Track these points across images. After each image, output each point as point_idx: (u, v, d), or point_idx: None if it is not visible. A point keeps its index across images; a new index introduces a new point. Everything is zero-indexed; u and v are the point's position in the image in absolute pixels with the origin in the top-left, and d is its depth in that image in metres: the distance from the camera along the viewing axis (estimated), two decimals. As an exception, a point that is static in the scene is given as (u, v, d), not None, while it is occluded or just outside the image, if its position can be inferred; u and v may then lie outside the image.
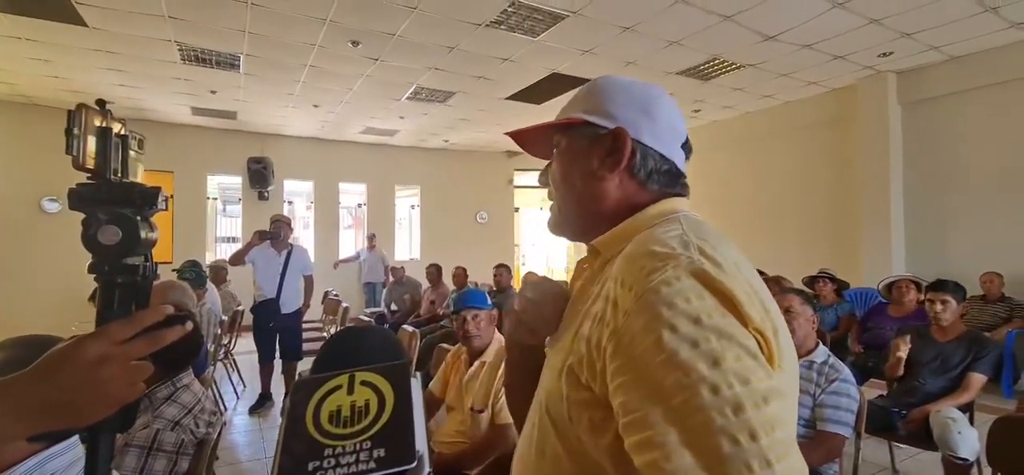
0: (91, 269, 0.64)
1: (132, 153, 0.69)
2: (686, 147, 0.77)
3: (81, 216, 0.63)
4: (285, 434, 0.66)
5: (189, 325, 0.67)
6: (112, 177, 0.65)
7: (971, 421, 2.63)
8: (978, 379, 2.68)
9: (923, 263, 5.58)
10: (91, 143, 0.63)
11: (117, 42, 4.93)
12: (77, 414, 0.58)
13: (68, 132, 0.61)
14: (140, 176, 0.73)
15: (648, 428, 0.51)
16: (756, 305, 0.56)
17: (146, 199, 0.66)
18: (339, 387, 0.69)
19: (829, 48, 5.13)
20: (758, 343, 0.54)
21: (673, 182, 0.74)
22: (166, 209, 0.71)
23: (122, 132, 0.68)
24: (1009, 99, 5.15)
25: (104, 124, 0.65)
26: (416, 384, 0.71)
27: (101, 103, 0.65)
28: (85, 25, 4.52)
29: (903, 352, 2.85)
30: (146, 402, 1.64)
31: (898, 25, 4.63)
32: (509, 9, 4.26)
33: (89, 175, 0.64)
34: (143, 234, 0.64)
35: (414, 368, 3.48)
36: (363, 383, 0.70)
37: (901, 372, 2.86)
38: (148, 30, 4.64)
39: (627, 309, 0.56)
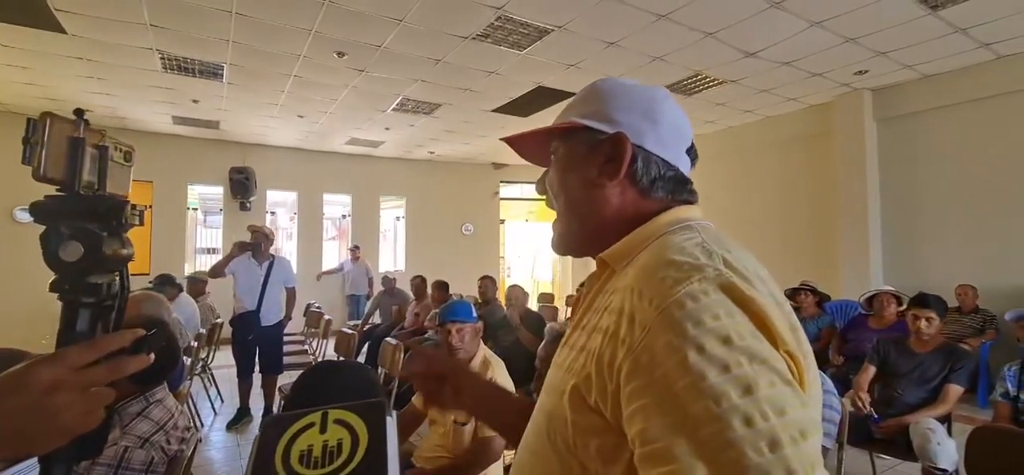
0: (52, 287, 0.60)
1: (119, 164, 0.67)
2: (692, 153, 0.73)
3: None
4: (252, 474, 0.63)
5: (152, 357, 0.63)
6: (83, 190, 0.62)
7: (949, 431, 2.67)
8: (956, 390, 2.73)
9: (900, 275, 5.69)
10: (59, 153, 0.60)
11: (97, 50, 4.85)
12: (27, 443, 0.54)
13: (25, 141, 0.58)
14: (129, 189, 0.71)
15: (671, 461, 0.46)
16: (785, 324, 0.51)
17: (113, 212, 0.62)
18: (311, 425, 0.66)
19: (807, 65, 5.25)
20: (789, 367, 0.49)
21: (680, 189, 0.69)
22: (141, 224, 0.68)
23: (101, 143, 0.64)
24: (980, 116, 5.32)
25: (78, 134, 0.62)
26: (391, 423, 0.68)
27: (79, 112, 0.62)
28: (64, 32, 4.44)
29: (863, 399, 2.90)
30: (116, 418, 1.59)
31: (873, 44, 4.76)
32: (495, 22, 4.29)
33: (57, 187, 0.61)
34: (108, 250, 0.61)
35: (397, 382, 3.40)
36: (336, 421, 0.67)
37: (866, 410, 2.89)
38: (129, 38, 4.57)
39: (647, 324, 0.51)
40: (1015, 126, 5.09)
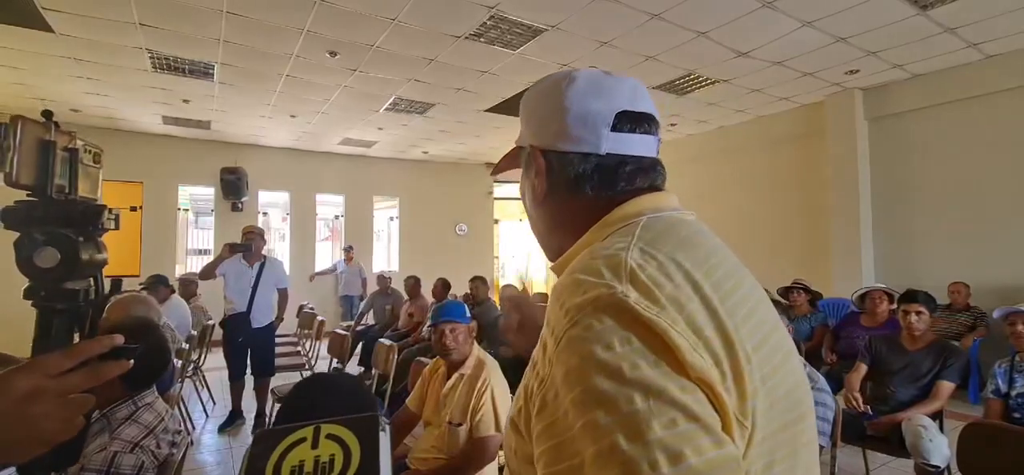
0: (27, 294, 0.58)
1: (89, 167, 0.65)
2: (639, 122, 0.62)
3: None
4: None
5: (131, 362, 0.61)
6: (55, 194, 0.59)
7: (941, 428, 2.69)
8: (947, 387, 2.75)
9: (892, 273, 5.73)
10: (30, 157, 0.58)
11: (86, 49, 4.79)
12: (4, 452, 0.53)
13: None
14: (100, 191, 0.69)
15: None
16: (706, 341, 0.46)
17: (88, 218, 0.60)
18: (303, 440, 0.66)
19: (799, 65, 5.27)
20: (707, 396, 0.44)
21: (615, 178, 0.61)
22: (116, 228, 0.66)
23: (71, 145, 0.63)
24: (969, 115, 5.37)
25: (48, 137, 0.60)
26: (385, 438, 0.68)
27: (47, 114, 0.60)
28: (52, 31, 4.38)
29: (857, 399, 2.91)
30: (103, 423, 1.56)
31: (864, 44, 4.79)
32: (488, 22, 4.28)
33: (28, 192, 0.59)
34: (85, 256, 0.59)
35: (390, 386, 3.39)
36: (329, 436, 0.66)
37: (860, 408, 2.90)
38: (118, 37, 4.52)
39: (551, 357, 0.48)
40: (1003, 125, 5.14)
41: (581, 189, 0.62)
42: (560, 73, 0.66)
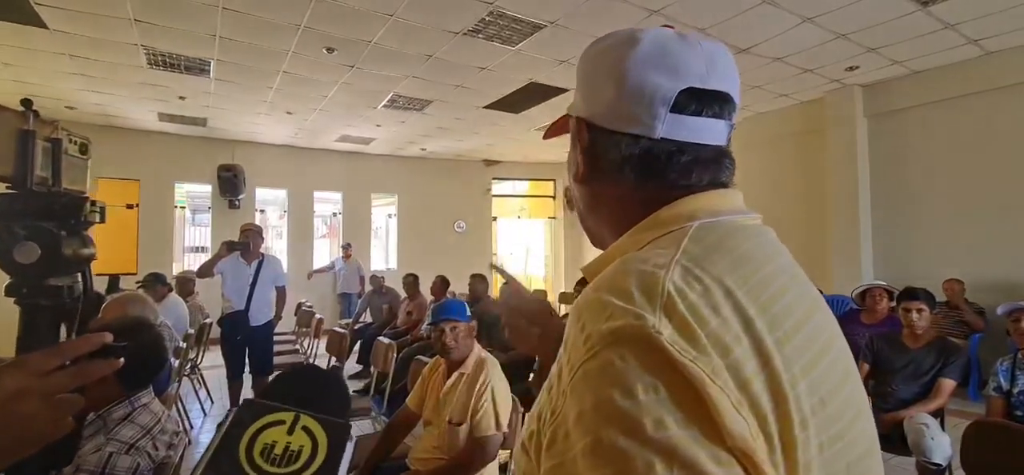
0: (8, 291, 0.56)
1: (75, 158, 0.62)
2: (706, 101, 0.51)
3: None
4: (217, 448, 0.64)
5: (120, 360, 0.59)
6: (36, 186, 0.57)
7: (942, 426, 2.68)
8: (949, 385, 2.74)
9: (891, 270, 5.73)
10: (8, 147, 0.56)
11: (80, 45, 4.75)
12: None
13: None
14: (88, 184, 0.66)
15: None
16: (753, 398, 0.38)
17: (70, 210, 0.58)
18: (282, 423, 0.69)
19: (799, 61, 5.25)
20: (746, 472, 0.36)
21: (667, 169, 0.51)
22: (102, 220, 0.63)
23: (54, 135, 0.60)
24: (969, 112, 5.35)
25: (27, 127, 0.57)
26: (349, 448, 0.71)
27: (26, 103, 0.57)
28: (45, 27, 4.34)
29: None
30: (100, 423, 1.54)
31: (864, 40, 4.77)
32: (487, 18, 4.24)
33: (8, 184, 0.57)
34: (68, 250, 0.57)
35: (389, 385, 3.38)
36: (304, 428, 0.69)
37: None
38: (113, 33, 4.48)
39: (565, 389, 0.41)
40: (1003, 121, 5.13)
41: (622, 173, 0.53)
42: (624, 32, 0.54)
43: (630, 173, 0.53)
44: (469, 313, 2.34)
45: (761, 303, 0.42)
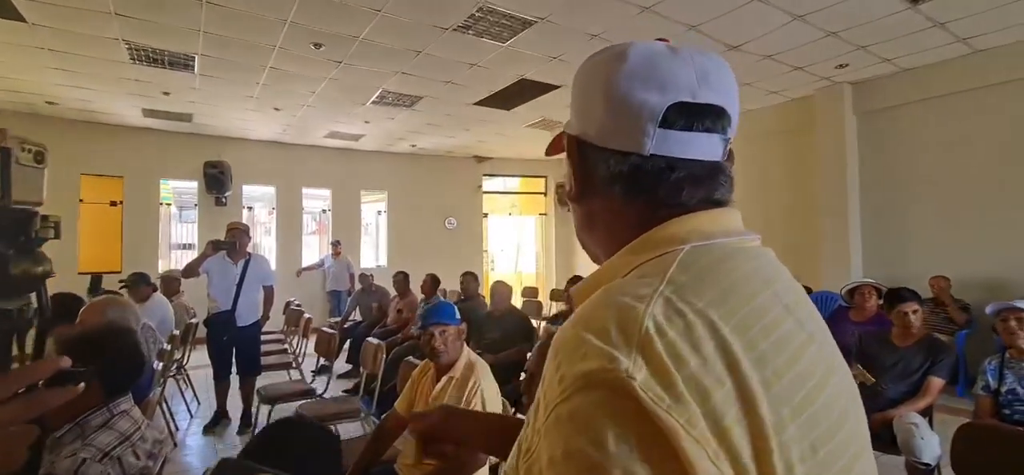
0: None
1: (28, 168, 0.57)
2: (698, 115, 0.50)
3: None
4: None
5: (81, 386, 0.55)
6: None
7: (930, 424, 2.70)
8: (937, 383, 2.76)
9: (880, 267, 5.77)
10: None
11: (60, 39, 4.63)
12: None
13: None
14: (44, 195, 0.61)
15: None
16: (732, 448, 0.36)
17: (18, 227, 0.53)
18: None
19: (789, 59, 5.26)
20: None
21: (677, 188, 0.49)
22: (57, 237, 0.59)
23: (3, 144, 0.55)
24: (957, 110, 5.39)
25: None
26: None
27: None
28: (24, 21, 4.22)
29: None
30: (77, 430, 1.50)
31: (854, 38, 4.78)
32: (477, 13, 4.19)
33: None
34: (16, 270, 0.53)
35: (379, 386, 3.33)
36: None
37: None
38: (93, 27, 4.37)
39: (539, 429, 0.40)
40: (991, 119, 5.17)
41: (613, 191, 0.52)
42: (614, 47, 0.53)
43: (619, 190, 0.52)
44: (458, 315, 2.30)
45: (749, 338, 0.40)
